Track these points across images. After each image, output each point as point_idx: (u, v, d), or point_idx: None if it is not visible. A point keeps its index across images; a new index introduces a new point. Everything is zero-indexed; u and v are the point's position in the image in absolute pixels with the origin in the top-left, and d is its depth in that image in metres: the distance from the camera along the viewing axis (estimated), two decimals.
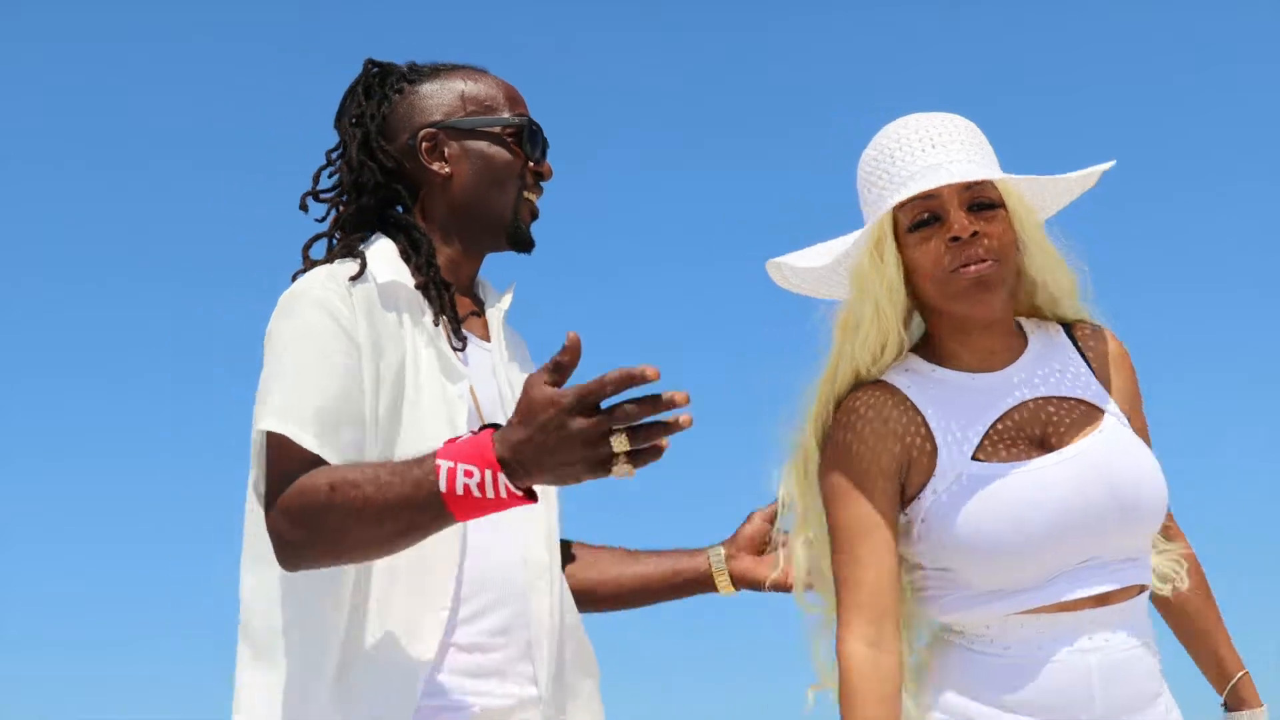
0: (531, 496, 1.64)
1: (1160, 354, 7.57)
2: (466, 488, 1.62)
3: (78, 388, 7.15)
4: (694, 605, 2.26)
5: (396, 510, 1.66)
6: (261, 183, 7.41)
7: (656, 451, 1.58)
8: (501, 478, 1.61)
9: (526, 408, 1.61)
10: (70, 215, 7.30)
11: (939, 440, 1.85)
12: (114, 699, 6.18)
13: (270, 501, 1.74)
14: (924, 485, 1.84)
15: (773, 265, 1.97)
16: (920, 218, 1.84)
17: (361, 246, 1.94)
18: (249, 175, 7.44)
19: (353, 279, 1.85)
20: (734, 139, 7.87)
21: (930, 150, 1.84)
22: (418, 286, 1.92)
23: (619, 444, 1.57)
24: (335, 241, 1.99)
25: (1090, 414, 1.88)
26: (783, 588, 2.13)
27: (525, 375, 1.98)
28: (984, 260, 1.82)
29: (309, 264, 1.95)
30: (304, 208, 2.01)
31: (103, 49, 7.35)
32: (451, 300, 1.94)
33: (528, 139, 2.00)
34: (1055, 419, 1.87)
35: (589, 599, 2.13)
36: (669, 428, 1.56)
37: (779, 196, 7.81)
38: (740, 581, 2.18)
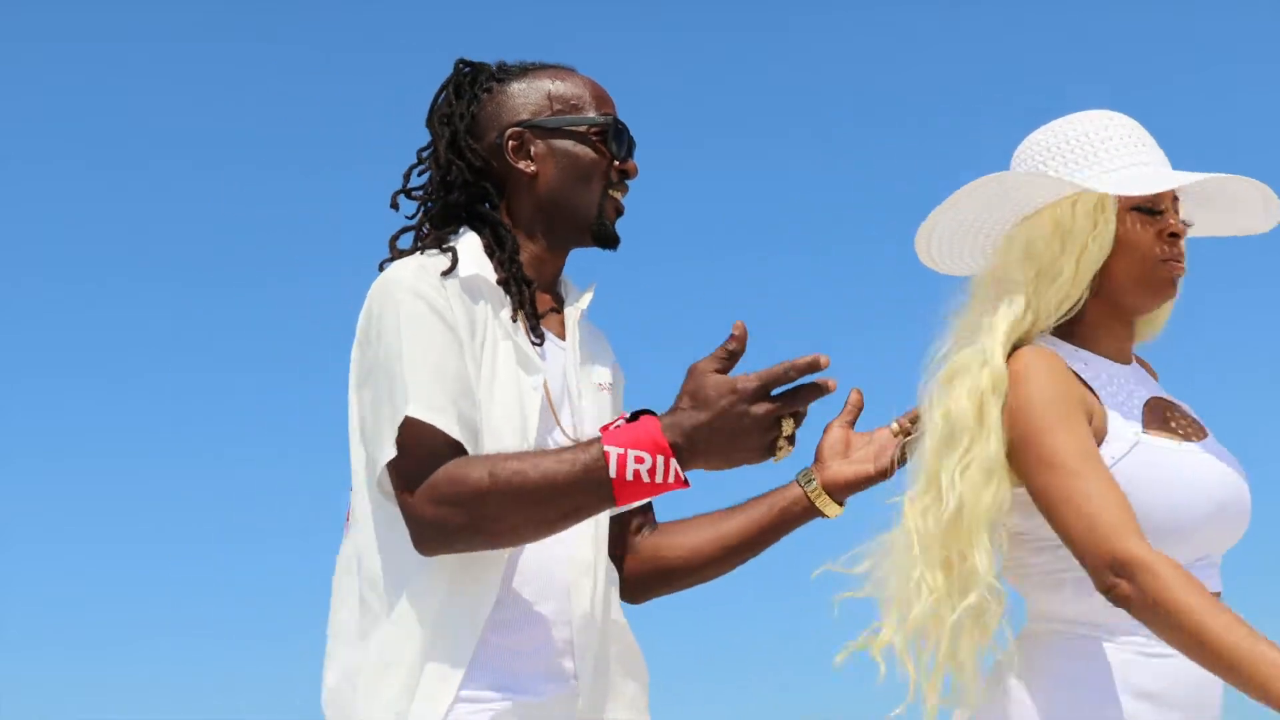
0: (686, 483, 1.73)
1: (1162, 354, 7.56)
2: (637, 473, 1.70)
3: (78, 388, 7.15)
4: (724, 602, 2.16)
5: (563, 494, 1.73)
6: (262, 182, 7.41)
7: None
8: (674, 463, 1.70)
9: (701, 394, 1.70)
10: (70, 215, 7.31)
11: (1107, 404, 1.84)
12: (114, 699, 6.19)
13: (413, 487, 1.77)
14: (1099, 446, 1.79)
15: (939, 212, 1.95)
16: (1144, 204, 1.89)
17: (450, 240, 1.97)
18: (249, 175, 7.45)
19: (444, 273, 1.89)
20: (735, 139, 7.87)
21: (1150, 148, 1.93)
22: (499, 282, 1.94)
23: (788, 427, 1.71)
24: (424, 233, 2.02)
25: (1194, 419, 1.94)
26: (885, 476, 2.06)
27: (600, 373, 2.03)
28: (1181, 263, 1.92)
29: (396, 254, 1.99)
30: (395, 206, 2.04)
31: (103, 49, 7.36)
32: (532, 296, 1.97)
33: (613, 138, 2.01)
34: (1178, 416, 1.90)
35: (695, 565, 2.10)
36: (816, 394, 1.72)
37: (779, 196, 7.81)
38: (837, 490, 2.07)
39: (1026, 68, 7.80)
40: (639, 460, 1.70)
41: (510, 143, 2.01)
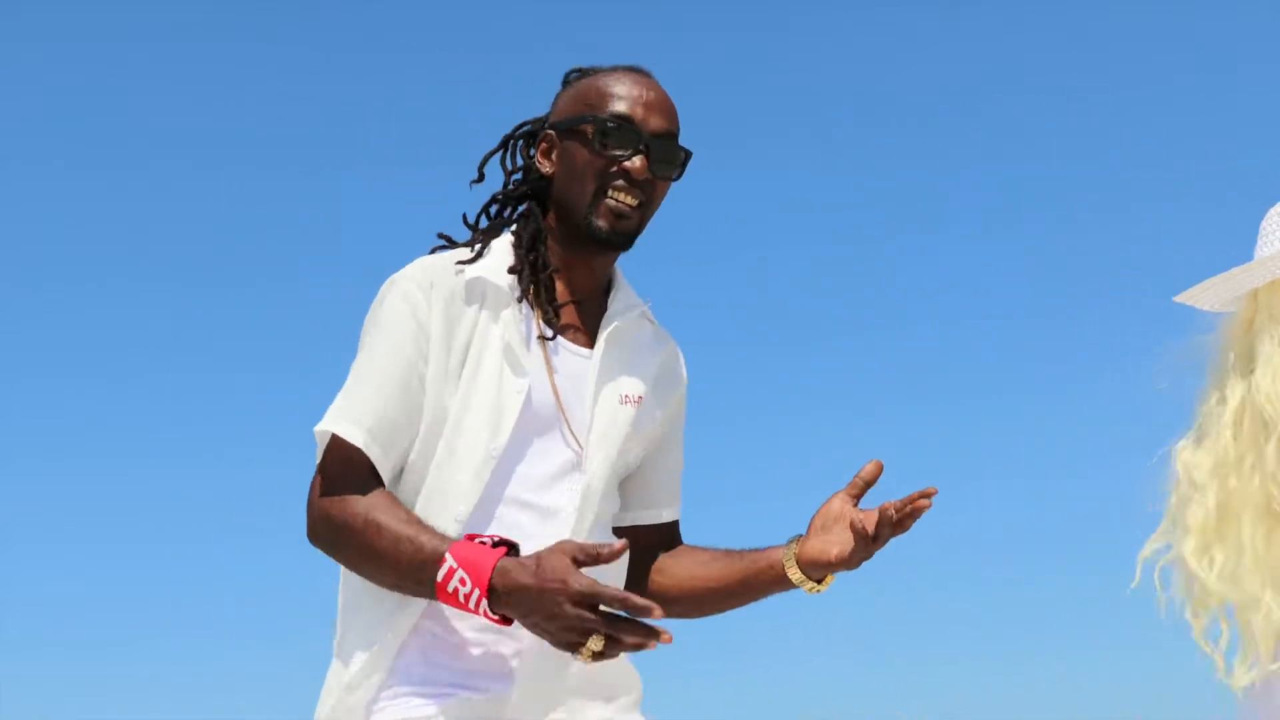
0: (507, 621, 1.78)
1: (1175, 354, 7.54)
2: (456, 591, 1.77)
3: (78, 388, 7.15)
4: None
5: (394, 569, 1.82)
6: (262, 183, 7.41)
7: (615, 655, 1.73)
8: (484, 603, 1.76)
9: (544, 565, 1.74)
10: (70, 216, 7.31)
11: None
12: (114, 699, 6.19)
13: (315, 486, 1.89)
14: None
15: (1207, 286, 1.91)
16: None
17: (482, 235, 2.01)
18: (250, 175, 7.45)
19: (460, 265, 1.94)
20: (736, 139, 7.87)
21: None
22: (511, 270, 1.96)
23: (594, 643, 1.71)
24: (478, 225, 2.06)
25: None
26: (846, 564, 1.96)
27: (632, 385, 2.02)
28: None
29: (445, 243, 2.04)
30: (480, 179, 2.07)
31: (103, 49, 7.35)
32: (549, 289, 1.97)
33: (611, 136, 1.96)
34: None
35: (679, 598, 2.08)
36: (638, 647, 1.70)
37: (777, 197, 7.81)
38: (809, 566, 1.98)
39: (1027, 68, 7.80)
40: (462, 582, 1.77)
41: (542, 144, 2.03)
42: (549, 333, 1.95)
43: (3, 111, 7.21)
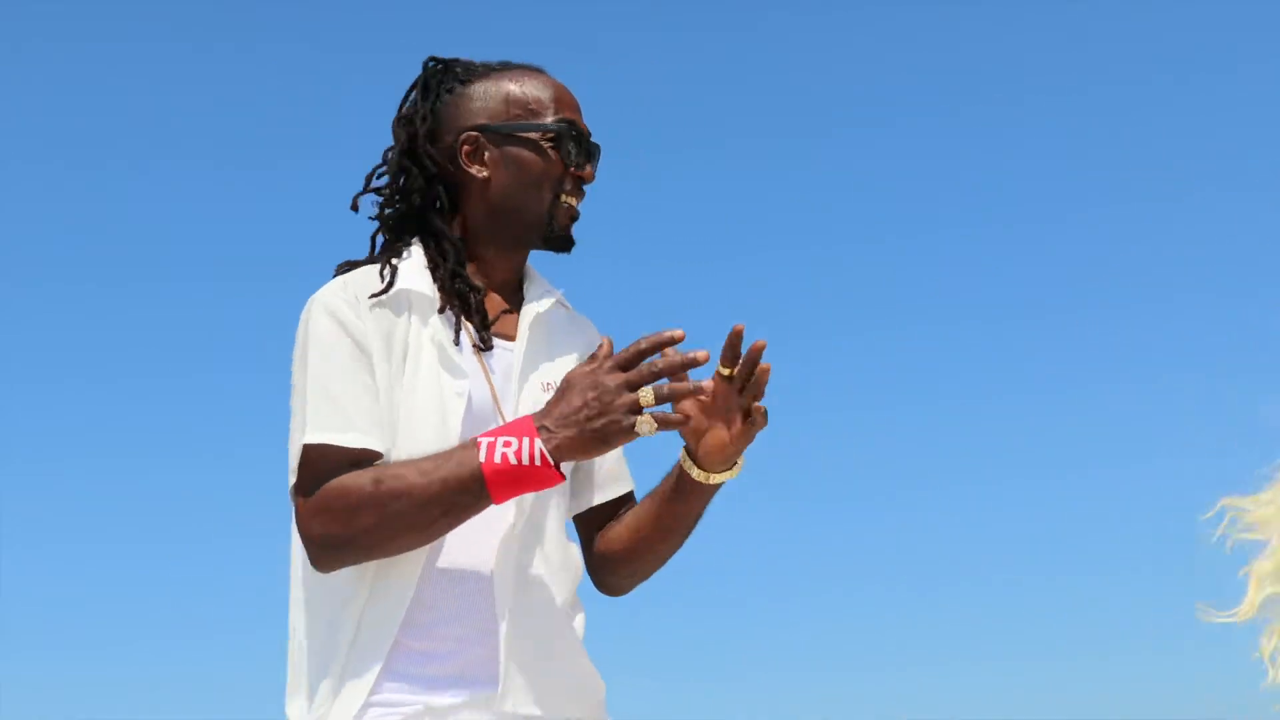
0: (559, 474, 1.76)
1: (1172, 354, 7.57)
2: (505, 456, 1.75)
3: (78, 388, 7.15)
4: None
5: (437, 488, 1.77)
6: (264, 183, 7.41)
7: (682, 420, 1.76)
8: (538, 442, 1.75)
9: (565, 383, 1.78)
10: (71, 215, 7.31)
11: None
12: (114, 699, 6.19)
13: (303, 506, 1.83)
14: None
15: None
16: None
17: (397, 256, 1.97)
18: (251, 175, 7.45)
19: (373, 295, 1.90)
20: (737, 140, 7.87)
21: None
22: (442, 309, 1.94)
23: (646, 396, 1.74)
24: (380, 242, 2.03)
25: None
26: (742, 437, 1.88)
27: (556, 371, 2.00)
28: None
29: (342, 267, 2.00)
30: (355, 208, 2.03)
31: (103, 49, 7.35)
32: (479, 305, 1.97)
33: (567, 144, 2.00)
34: None
35: (629, 551, 2.05)
36: (687, 366, 1.75)
37: (774, 196, 7.82)
38: (706, 457, 1.91)
39: (1027, 68, 7.80)
40: (506, 444, 1.75)
41: (465, 147, 2.00)
42: (479, 339, 1.95)
43: (2, 111, 7.22)
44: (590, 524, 2.09)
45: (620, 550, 2.05)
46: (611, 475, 2.10)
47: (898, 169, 7.85)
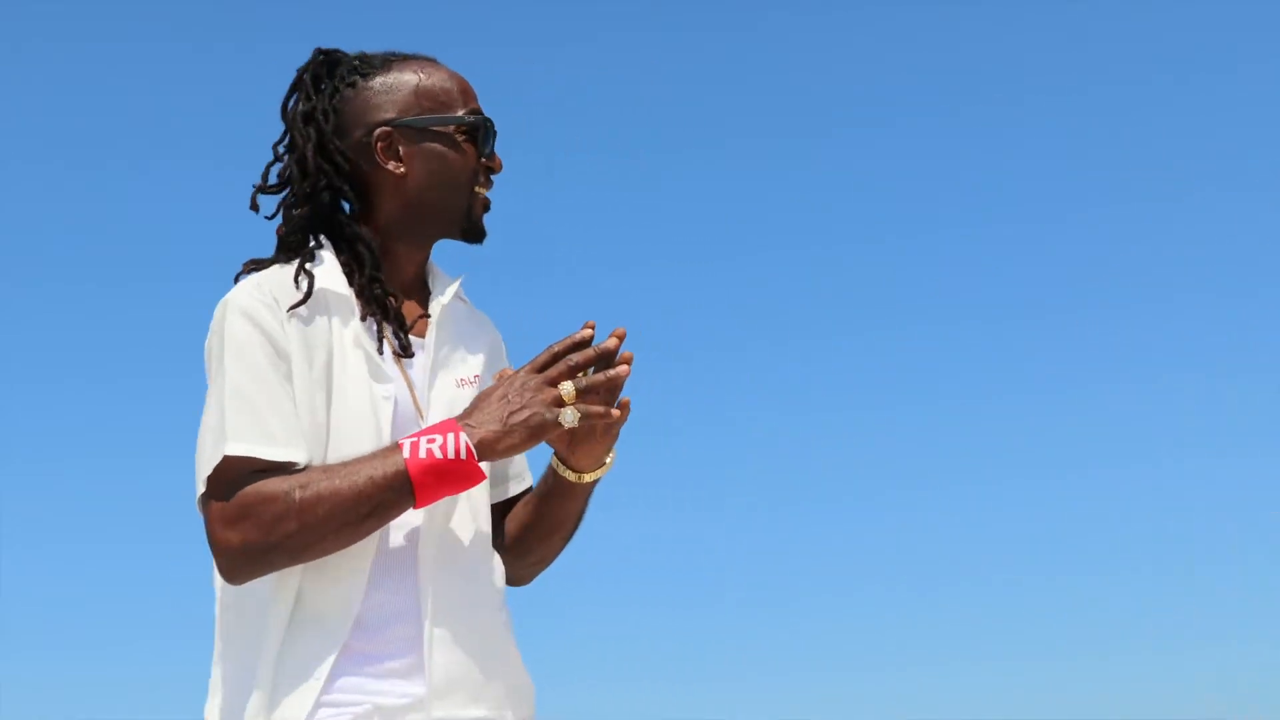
0: (478, 474, 1.78)
1: (1172, 354, 7.57)
2: (429, 451, 1.75)
3: (78, 388, 7.15)
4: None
5: (362, 487, 1.76)
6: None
7: (603, 411, 1.79)
8: (462, 436, 1.76)
9: (484, 390, 1.81)
10: (71, 215, 7.31)
11: None
12: (114, 699, 6.19)
13: (214, 515, 1.78)
14: None
15: None
16: None
17: (310, 259, 1.92)
18: (252, 175, 7.44)
19: (292, 307, 1.86)
20: (725, 141, 7.87)
21: None
22: (364, 316, 1.91)
23: (566, 390, 1.78)
24: (287, 241, 1.97)
25: None
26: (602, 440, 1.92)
27: (465, 367, 1.98)
28: None
29: (249, 266, 1.96)
30: (254, 207, 1.99)
31: (103, 49, 7.35)
32: (397, 311, 1.94)
33: (481, 137, 1.99)
34: None
35: (521, 539, 2.06)
36: (611, 380, 1.79)
37: (771, 196, 7.81)
38: (573, 456, 1.95)
39: (1026, 68, 7.80)
40: (430, 441, 1.76)
41: (379, 143, 1.96)
42: (399, 345, 1.92)
43: (2, 111, 7.21)
44: (496, 517, 2.07)
45: (514, 545, 2.06)
46: (517, 471, 2.10)
47: (898, 169, 7.85)
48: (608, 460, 1.97)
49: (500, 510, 2.08)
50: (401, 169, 1.96)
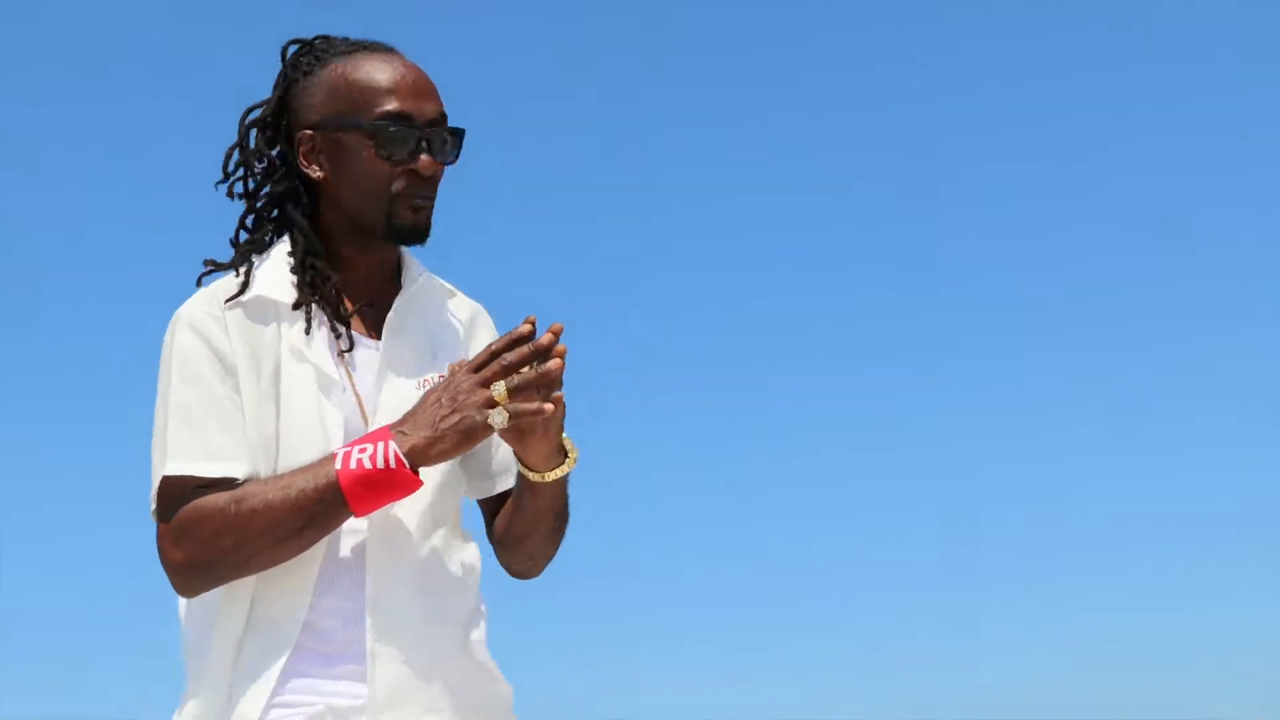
0: (417, 477, 1.74)
1: (1178, 352, 7.57)
2: (360, 462, 1.72)
3: (78, 387, 7.15)
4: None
5: (295, 500, 1.74)
6: None
7: (537, 409, 1.72)
8: (392, 444, 1.72)
9: (431, 389, 1.77)
10: (72, 215, 7.31)
11: None
12: (114, 699, 6.19)
13: (164, 530, 1.80)
14: None
15: None
16: None
17: (259, 253, 1.91)
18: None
19: (231, 298, 1.85)
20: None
21: None
22: (295, 305, 1.87)
23: (498, 390, 1.73)
24: (242, 241, 1.96)
25: None
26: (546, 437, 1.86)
27: (421, 365, 1.94)
28: None
29: (208, 265, 1.94)
30: (231, 195, 1.97)
31: (103, 48, 7.35)
32: (337, 311, 1.90)
33: (390, 141, 1.87)
34: None
35: (509, 536, 2.02)
36: (543, 376, 1.72)
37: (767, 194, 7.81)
38: (523, 453, 1.88)
39: (1027, 68, 7.80)
40: (361, 450, 1.73)
41: (301, 148, 1.91)
42: (345, 344, 1.88)
43: (3, 112, 7.22)
44: (489, 513, 2.06)
45: (505, 541, 2.01)
46: (503, 467, 2.04)
47: (900, 168, 7.85)
48: (569, 458, 1.89)
49: (491, 507, 2.06)
50: (319, 174, 1.91)
